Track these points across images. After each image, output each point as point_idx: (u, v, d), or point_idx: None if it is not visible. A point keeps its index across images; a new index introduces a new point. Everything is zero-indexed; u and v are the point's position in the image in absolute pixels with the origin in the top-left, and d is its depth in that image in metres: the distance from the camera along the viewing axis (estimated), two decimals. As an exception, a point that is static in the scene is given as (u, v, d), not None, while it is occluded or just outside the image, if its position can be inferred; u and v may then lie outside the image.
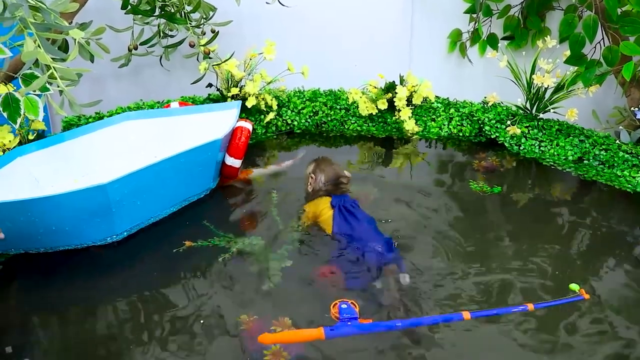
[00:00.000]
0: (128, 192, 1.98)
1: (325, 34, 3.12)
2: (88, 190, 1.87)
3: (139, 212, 2.07)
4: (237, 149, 2.37)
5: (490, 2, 2.95)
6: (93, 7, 2.80)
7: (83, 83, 2.94)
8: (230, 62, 2.68)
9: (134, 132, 2.48)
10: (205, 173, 2.29)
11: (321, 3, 3.06)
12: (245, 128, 2.39)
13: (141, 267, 1.96)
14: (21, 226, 1.87)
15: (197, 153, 2.17)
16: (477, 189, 2.35)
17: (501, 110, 2.82)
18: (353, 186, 2.27)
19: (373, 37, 3.13)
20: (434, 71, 3.14)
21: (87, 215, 1.93)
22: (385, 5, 3.08)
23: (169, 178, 2.11)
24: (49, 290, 1.85)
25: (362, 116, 2.88)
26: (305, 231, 2.07)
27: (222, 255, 1.96)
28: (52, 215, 1.87)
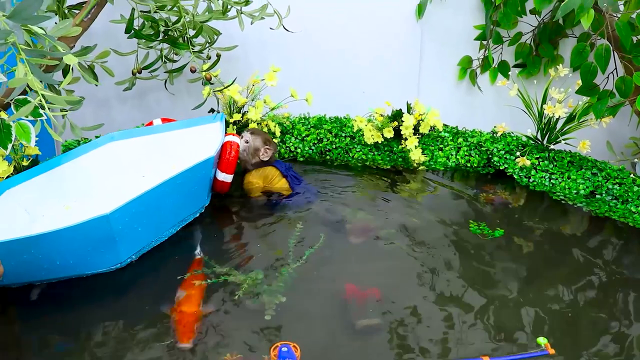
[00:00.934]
0: (130, 219, 1.94)
1: (333, 60, 3.07)
2: (91, 222, 1.84)
3: (141, 237, 2.04)
4: (228, 164, 2.37)
5: (501, 29, 2.88)
6: (100, 30, 2.79)
7: (87, 105, 2.93)
8: (233, 88, 2.64)
9: (119, 152, 2.46)
10: (201, 190, 2.28)
11: (329, 29, 3.01)
12: (234, 142, 2.40)
13: (133, 297, 1.90)
14: (25, 263, 1.83)
15: (193, 172, 2.16)
16: (476, 232, 2.22)
17: (511, 140, 2.74)
18: (356, 215, 2.33)
19: (381, 64, 3.07)
20: (443, 99, 3.07)
21: (90, 247, 1.89)
22: (393, 32, 3.02)
23: (167, 200, 2.08)
24: (36, 320, 1.79)
25: (367, 144, 2.82)
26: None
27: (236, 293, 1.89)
28: (56, 250, 1.84)
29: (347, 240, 2.18)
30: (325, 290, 1.89)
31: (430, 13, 2.97)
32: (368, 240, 2.18)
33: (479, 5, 2.96)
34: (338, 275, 1.97)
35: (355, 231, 2.24)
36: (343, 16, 2.99)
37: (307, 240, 2.14)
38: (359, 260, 2.06)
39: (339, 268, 2.01)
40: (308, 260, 2.02)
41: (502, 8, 2.70)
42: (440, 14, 2.99)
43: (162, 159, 2.42)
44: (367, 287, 1.89)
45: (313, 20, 2.96)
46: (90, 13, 2.38)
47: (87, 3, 2.37)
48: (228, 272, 1.96)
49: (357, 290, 1.87)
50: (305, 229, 2.22)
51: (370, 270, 2.01)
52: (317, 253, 2.06)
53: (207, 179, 2.28)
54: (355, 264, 2.04)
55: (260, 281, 1.92)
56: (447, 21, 3.00)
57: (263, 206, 2.45)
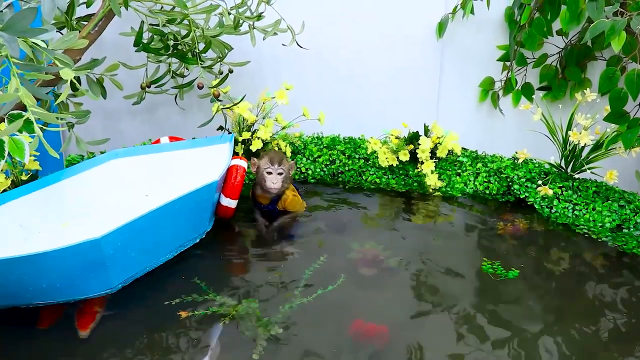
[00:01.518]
0: (122, 244, 1.84)
1: (349, 78, 2.97)
2: (81, 245, 1.73)
3: (134, 262, 1.93)
4: (233, 189, 2.28)
5: (525, 50, 2.75)
6: (110, 43, 2.74)
7: (96, 118, 2.87)
8: (242, 105, 2.55)
9: (122, 170, 2.39)
10: (201, 216, 2.17)
11: (345, 46, 2.92)
12: (241, 167, 2.30)
13: (123, 326, 1.79)
14: (9, 284, 1.74)
15: (193, 197, 2.05)
16: (489, 271, 2.06)
17: (532, 167, 2.60)
18: (365, 243, 2.21)
19: (398, 84, 2.96)
20: (462, 121, 2.95)
21: (80, 271, 1.79)
22: (412, 50, 2.91)
23: (164, 225, 1.98)
24: (24, 345, 1.70)
25: (381, 167, 2.70)
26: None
27: (222, 320, 1.79)
28: (43, 272, 1.74)
29: (356, 271, 2.06)
30: (330, 325, 1.77)
31: (451, 32, 2.85)
32: (378, 271, 2.06)
33: (502, 24, 2.84)
34: (345, 308, 1.85)
35: (365, 262, 2.12)
36: (360, 33, 2.89)
37: (317, 270, 2.03)
38: (368, 293, 1.93)
39: (346, 300, 1.88)
40: (315, 293, 1.91)
41: (527, 28, 2.58)
42: (461, 33, 2.87)
43: (167, 179, 2.34)
44: (376, 323, 1.77)
45: (328, 37, 2.87)
46: (97, 25, 2.31)
47: (94, 15, 2.30)
48: (220, 302, 1.86)
49: (364, 327, 1.75)
50: (305, 256, 2.11)
51: (378, 304, 1.88)
52: (324, 282, 1.95)
53: (209, 204, 2.18)
54: (364, 298, 1.91)
55: (258, 312, 1.81)
56: (468, 41, 2.88)
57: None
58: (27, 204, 2.16)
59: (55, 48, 1.90)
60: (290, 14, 2.54)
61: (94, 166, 2.38)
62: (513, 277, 2.01)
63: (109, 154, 2.42)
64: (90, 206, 2.22)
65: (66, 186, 2.29)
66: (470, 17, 2.72)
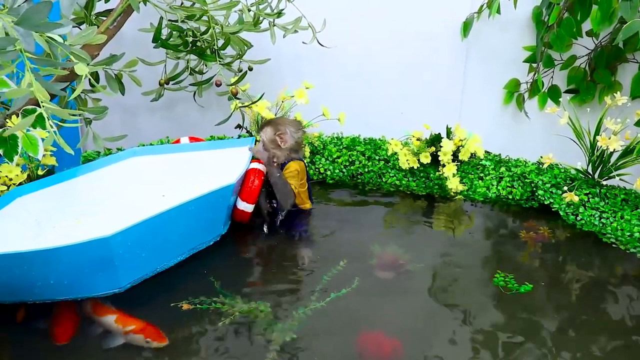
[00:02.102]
0: (132, 244, 1.81)
1: (370, 78, 2.92)
2: (89, 243, 1.71)
3: (144, 263, 1.90)
4: (250, 193, 2.21)
5: (553, 51, 2.67)
6: (130, 39, 2.72)
7: (114, 114, 2.85)
8: (261, 104, 2.50)
9: (141, 168, 2.35)
10: (216, 219, 2.13)
11: (367, 45, 2.86)
12: (260, 170, 2.25)
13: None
14: (16, 279, 1.72)
15: (208, 199, 2.01)
16: (500, 284, 1.95)
17: (558, 173, 2.52)
18: (385, 246, 2.15)
19: (421, 84, 2.90)
20: (486, 124, 2.87)
21: (88, 269, 1.77)
22: (436, 50, 2.84)
23: (177, 226, 1.94)
24: (27, 343, 1.68)
25: (402, 169, 2.64)
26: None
27: (222, 320, 1.75)
28: (50, 268, 1.72)
29: (373, 274, 2.00)
30: (342, 332, 1.72)
31: (477, 32, 2.78)
32: (396, 276, 2.00)
33: (529, 24, 2.76)
34: (360, 316, 1.79)
35: (383, 265, 2.07)
36: (382, 32, 2.83)
37: (334, 274, 1.98)
38: (384, 298, 1.88)
39: (361, 306, 1.83)
40: (329, 297, 1.86)
41: (556, 28, 2.49)
42: (487, 33, 2.80)
43: (184, 180, 2.30)
44: (389, 333, 1.71)
45: (350, 35, 2.82)
46: (116, 21, 2.28)
47: (113, 11, 2.28)
48: (238, 301, 1.82)
49: (376, 342, 1.69)
50: (325, 259, 2.06)
51: (393, 311, 1.82)
52: (340, 286, 1.90)
53: (224, 207, 2.12)
54: (379, 303, 1.85)
55: (272, 315, 1.76)
56: (494, 41, 2.81)
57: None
58: (42, 198, 2.15)
59: (73, 43, 1.88)
60: (311, 11, 2.49)
61: (112, 163, 2.35)
62: (524, 292, 1.91)
63: (127, 152, 2.39)
64: (106, 204, 2.19)
65: (82, 182, 2.26)
66: (496, 16, 2.65)
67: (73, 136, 2.68)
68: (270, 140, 2.32)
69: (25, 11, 1.51)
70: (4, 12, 1.59)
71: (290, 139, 2.32)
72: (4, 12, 1.59)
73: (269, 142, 2.32)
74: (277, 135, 2.31)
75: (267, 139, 2.32)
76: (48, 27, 1.60)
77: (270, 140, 2.32)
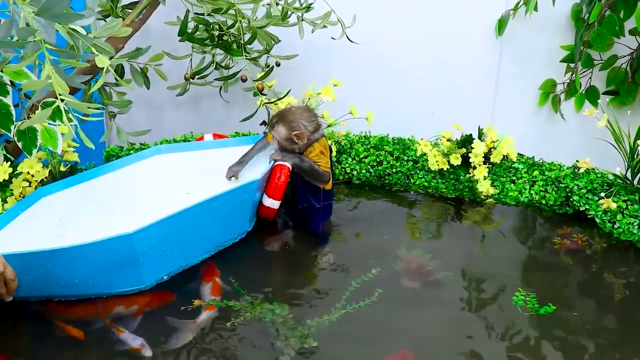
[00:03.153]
0: (156, 241, 1.78)
1: (400, 75, 2.84)
2: (112, 240, 1.69)
3: (168, 260, 1.87)
4: (277, 189, 2.14)
5: (592, 50, 2.56)
6: (157, 32, 2.69)
7: (139, 108, 2.84)
8: (287, 100, 2.45)
9: (165, 166, 2.31)
10: (241, 216, 2.08)
11: (397, 42, 2.79)
12: (286, 166, 2.16)
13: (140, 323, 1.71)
14: (41, 278, 1.70)
15: (233, 196, 1.97)
16: (519, 304, 1.81)
17: (595, 178, 2.41)
18: (411, 251, 2.08)
19: (453, 82, 2.81)
20: (519, 125, 2.78)
21: (111, 267, 1.74)
22: (469, 48, 2.76)
23: (201, 223, 1.90)
24: (25, 340, 1.67)
25: (431, 171, 2.56)
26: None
27: (232, 319, 1.69)
28: (74, 267, 1.70)
29: (398, 282, 1.93)
30: (362, 346, 1.65)
31: (512, 29, 2.69)
32: (422, 285, 1.92)
33: (568, 22, 2.65)
34: (382, 326, 1.72)
35: (409, 272, 1.99)
36: (414, 29, 2.76)
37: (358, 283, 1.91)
38: (409, 309, 1.80)
39: (385, 315, 1.76)
40: (352, 303, 1.79)
41: (597, 27, 2.39)
42: (522, 31, 2.70)
43: (210, 177, 2.26)
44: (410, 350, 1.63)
45: (380, 32, 2.75)
46: (141, 13, 2.25)
47: (139, 3, 2.24)
48: (252, 305, 1.76)
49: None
50: (350, 262, 1.99)
51: (418, 324, 1.74)
52: (364, 292, 1.83)
53: (249, 204, 2.07)
54: (404, 314, 1.78)
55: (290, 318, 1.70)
56: (530, 39, 2.71)
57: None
58: (67, 198, 2.13)
59: (98, 36, 1.84)
60: (341, 6, 2.43)
61: (137, 161, 2.31)
62: (544, 314, 1.76)
63: (152, 150, 2.35)
64: (131, 202, 2.16)
65: (107, 181, 2.23)
66: (533, 14, 2.55)
67: (98, 131, 2.65)
68: (286, 139, 2.19)
69: (46, 1, 1.47)
70: (26, 2, 1.56)
71: (306, 136, 2.18)
72: (25, 3, 1.56)
73: (284, 141, 2.20)
74: (292, 135, 2.17)
75: (282, 138, 2.19)
76: (69, 18, 1.57)
77: (286, 139, 2.19)
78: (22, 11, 1.54)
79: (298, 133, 2.16)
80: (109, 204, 2.15)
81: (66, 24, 1.63)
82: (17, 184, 2.07)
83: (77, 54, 1.65)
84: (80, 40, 1.66)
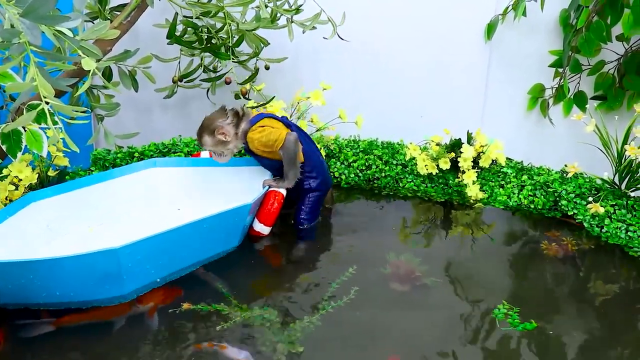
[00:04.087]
0: (142, 258, 1.74)
1: (390, 79, 2.83)
2: (97, 254, 1.65)
3: (152, 276, 1.83)
4: (268, 215, 2.13)
5: (580, 56, 2.57)
6: (145, 35, 2.67)
7: (128, 111, 2.81)
8: (276, 104, 2.44)
9: (159, 180, 2.29)
10: (229, 236, 2.03)
11: (387, 44, 2.78)
12: (280, 193, 2.15)
13: (125, 327, 1.71)
14: (21, 287, 1.67)
15: (223, 218, 1.92)
16: (499, 318, 1.77)
17: (583, 182, 2.41)
18: (400, 255, 2.06)
19: (442, 86, 2.81)
20: (508, 130, 2.78)
21: (94, 280, 1.70)
22: (458, 52, 2.75)
23: (188, 243, 1.87)
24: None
25: (420, 175, 2.55)
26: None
27: (222, 324, 1.68)
28: (56, 279, 1.66)
29: (387, 285, 1.92)
30: (349, 350, 1.63)
31: (501, 34, 2.69)
32: (411, 289, 1.91)
33: (556, 28, 2.66)
34: (368, 330, 1.71)
35: (398, 276, 1.99)
36: (404, 31, 2.76)
37: (339, 283, 1.90)
38: (395, 314, 1.79)
39: (372, 319, 1.75)
40: (335, 309, 1.78)
41: (584, 32, 2.40)
42: (511, 36, 2.70)
43: (202, 195, 2.26)
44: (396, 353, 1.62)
45: (370, 34, 2.75)
46: (130, 16, 2.23)
47: (127, 5, 2.22)
48: (240, 311, 1.74)
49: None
50: (338, 266, 1.98)
51: (406, 328, 1.73)
52: (350, 296, 1.82)
53: (239, 226, 2.03)
54: (389, 320, 1.76)
55: (279, 324, 1.69)
56: (519, 44, 2.72)
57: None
58: (58, 204, 2.10)
59: (85, 38, 1.82)
60: (331, 7, 2.42)
61: (130, 173, 2.29)
62: (522, 330, 1.71)
63: (147, 162, 2.33)
64: (121, 213, 2.16)
65: (99, 190, 2.21)
66: (521, 19, 2.55)
67: (86, 134, 2.63)
68: (217, 144, 2.15)
69: (31, 3, 1.45)
70: (11, 3, 1.54)
71: (230, 128, 2.14)
72: (10, 4, 1.54)
73: (217, 147, 2.16)
74: (217, 135, 2.13)
75: (213, 145, 2.16)
76: (55, 20, 1.55)
77: (217, 144, 2.15)
78: (7, 12, 1.52)
79: (220, 130, 2.12)
80: (99, 214, 2.13)
81: (52, 26, 1.62)
82: (2, 186, 2.04)
83: (64, 57, 1.62)
84: (66, 42, 1.64)
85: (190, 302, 1.77)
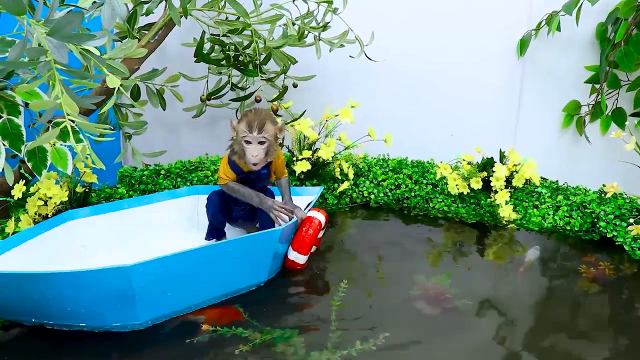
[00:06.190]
0: (156, 279, 1.69)
1: (420, 96, 2.79)
2: (108, 270, 1.61)
3: (168, 302, 1.76)
4: (303, 243, 2.01)
5: (619, 71, 2.48)
6: (173, 53, 2.68)
7: (156, 129, 2.81)
8: (304, 122, 2.40)
9: (200, 206, 2.25)
10: (257, 265, 1.94)
11: (417, 62, 2.74)
12: (316, 219, 2.03)
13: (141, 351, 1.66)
14: (33, 302, 1.65)
15: (249, 243, 1.85)
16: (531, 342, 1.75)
17: (623, 203, 2.32)
18: (430, 278, 1.97)
19: (474, 104, 2.75)
20: (542, 148, 2.70)
21: (106, 299, 1.66)
22: (490, 69, 2.69)
23: (210, 268, 1.80)
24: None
25: (451, 195, 2.49)
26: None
27: (240, 347, 1.63)
28: (67, 294, 1.63)
29: (417, 308, 1.85)
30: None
31: (534, 50, 2.62)
32: (441, 312, 1.84)
33: (593, 42, 2.58)
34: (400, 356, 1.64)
35: (428, 298, 1.92)
36: (434, 48, 2.71)
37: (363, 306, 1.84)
38: (425, 339, 1.71)
39: (402, 344, 1.68)
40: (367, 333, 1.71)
41: (623, 46, 2.32)
42: (545, 52, 2.64)
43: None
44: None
45: (400, 51, 2.71)
46: (157, 35, 2.23)
47: (155, 24, 2.23)
48: (262, 336, 1.69)
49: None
50: (366, 289, 1.92)
51: (436, 354, 1.66)
52: (379, 321, 1.76)
53: (268, 253, 1.94)
54: (419, 345, 1.68)
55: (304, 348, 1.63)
56: (553, 60, 2.64)
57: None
58: (93, 225, 2.09)
59: (112, 56, 1.82)
60: (358, 25, 2.39)
61: (172, 198, 2.27)
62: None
63: (191, 189, 2.31)
64: (158, 237, 2.14)
65: (137, 214, 2.19)
66: (556, 34, 2.48)
67: (115, 151, 2.63)
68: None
69: (57, 22, 1.45)
70: (40, 23, 1.54)
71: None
72: (39, 24, 1.54)
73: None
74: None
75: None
76: (81, 39, 1.54)
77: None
78: (35, 32, 1.52)
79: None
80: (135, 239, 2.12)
81: (78, 45, 1.61)
82: (32, 203, 2.04)
83: (90, 75, 1.62)
84: (92, 60, 1.64)
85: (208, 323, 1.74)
